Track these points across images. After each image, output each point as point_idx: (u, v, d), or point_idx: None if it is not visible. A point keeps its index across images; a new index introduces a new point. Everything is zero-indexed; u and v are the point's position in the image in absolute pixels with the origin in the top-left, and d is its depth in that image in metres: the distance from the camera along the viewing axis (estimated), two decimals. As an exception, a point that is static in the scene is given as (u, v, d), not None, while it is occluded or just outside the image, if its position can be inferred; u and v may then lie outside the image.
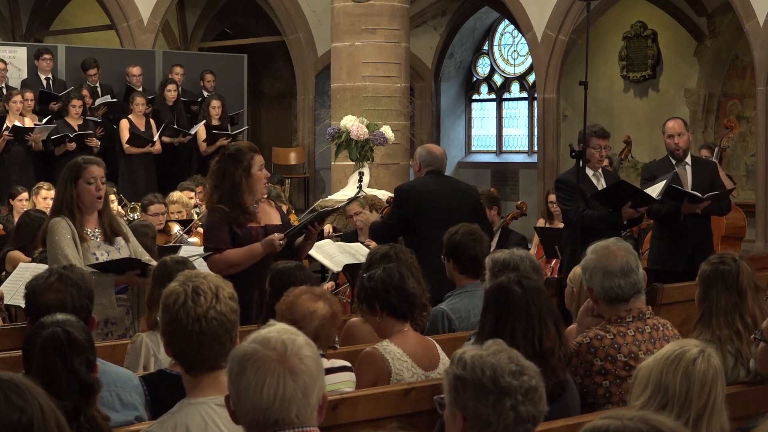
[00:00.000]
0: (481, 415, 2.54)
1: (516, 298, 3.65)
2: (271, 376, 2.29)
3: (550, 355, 3.61)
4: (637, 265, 4.04)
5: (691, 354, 2.96)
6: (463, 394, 2.56)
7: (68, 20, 17.25)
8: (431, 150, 6.89)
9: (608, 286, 3.96)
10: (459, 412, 2.57)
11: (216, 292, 2.99)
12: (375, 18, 12.04)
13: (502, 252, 4.54)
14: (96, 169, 5.30)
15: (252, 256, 5.54)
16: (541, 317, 3.64)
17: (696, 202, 7.11)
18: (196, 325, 2.92)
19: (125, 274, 5.24)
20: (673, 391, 2.91)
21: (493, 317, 3.65)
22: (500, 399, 2.54)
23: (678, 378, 2.93)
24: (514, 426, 2.54)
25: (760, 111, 11.88)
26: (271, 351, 2.32)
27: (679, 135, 7.36)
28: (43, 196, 8.96)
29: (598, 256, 4.01)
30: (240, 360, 2.33)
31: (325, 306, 3.87)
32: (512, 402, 2.54)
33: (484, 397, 2.54)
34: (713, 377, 2.96)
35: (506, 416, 2.53)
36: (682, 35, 14.50)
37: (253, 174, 5.58)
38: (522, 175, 16.06)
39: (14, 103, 11.16)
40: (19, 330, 5.08)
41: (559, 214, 8.54)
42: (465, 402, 2.56)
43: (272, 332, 2.37)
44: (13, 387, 2.05)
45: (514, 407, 2.54)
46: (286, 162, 15.89)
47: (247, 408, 2.30)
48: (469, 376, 2.57)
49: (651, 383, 2.94)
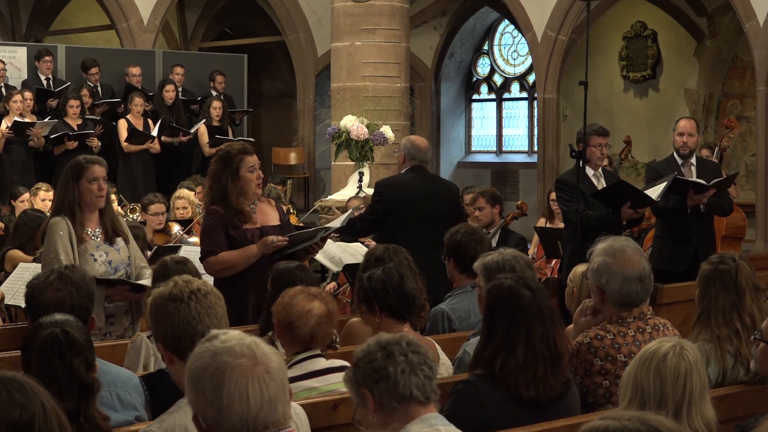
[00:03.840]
0: (379, 372, 2.82)
1: (527, 302, 3.58)
2: (252, 382, 2.26)
3: (563, 357, 3.61)
4: (650, 269, 4.04)
5: (662, 350, 2.99)
6: (359, 371, 2.85)
7: (68, 20, 17.25)
8: (415, 142, 6.89)
9: (626, 292, 3.94)
10: (364, 390, 2.83)
11: (203, 282, 3.22)
12: (375, 18, 12.04)
13: (491, 255, 4.49)
14: (98, 168, 5.30)
15: (247, 257, 5.53)
16: (552, 319, 3.62)
17: (701, 192, 7.13)
18: (193, 296, 3.08)
19: (116, 287, 5.25)
20: (648, 390, 2.95)
21: (504, 321, 3.56)
22: (388, 352, 2.84)
23: (651, 376, 2.96)
24: (412, 370, 2.83)
25: (760, 111, 11.88)
26: (242, 358, 2.28)
27: (689, 135, 7.39)
28: (41, 197, 8.94)
29: (616, 261, 3.95)
30: (212, 376, 2.26)
31: (321, 305, 3.87)
32: (399, 349, 2.85)
33: (375, 357, 2.84)
34: (686, 370, 2.98)
35: (399, 362, 2.83)
36: (682, 35, 14.50)
37: (241, 176, 5.56)
38: (522, 175, 16.06)
39: (14, 103, 11.14)
40: (19, 330, 5.08)
41: (560, 213, 8.54)
42: (363, 374, 2.84)
43: (229, 341, 2.32)
44: (16, 385, 2.07)
45: (403, 353, 2.84)
46: (286, 162, 15.89)
47: (234, 421, 2.25)
48: (358, 356, 2.88)
49: (629, 386, 2.97)
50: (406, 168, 6.81)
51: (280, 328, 3.89)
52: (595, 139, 7.08)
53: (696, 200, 7.17)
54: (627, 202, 6.84)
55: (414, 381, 2.81)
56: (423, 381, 2.83)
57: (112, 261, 5.35)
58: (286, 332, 3.87)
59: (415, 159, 6.76)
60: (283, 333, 3.89)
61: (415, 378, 2.82)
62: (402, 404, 2.81)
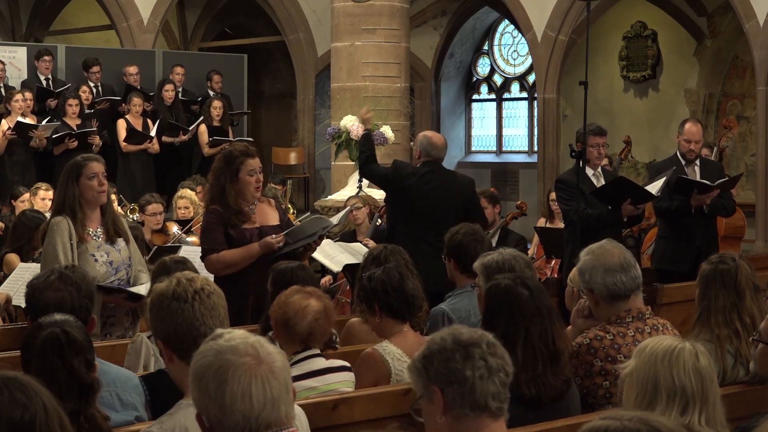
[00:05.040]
0: (455, 374, 2.60)
1: (525, 301, 3.61)
2: (255, 381, 2.27)
3: (562, 355, 3.62)
4: (635, 261, 4.06)
5: (684, 348, 2.95)
6: (432, 367, 2.63)
7: (68, 20, 17.25)
8: (432, 139, 6.90)
9: (610, 282, 3.96)
10: (434, 387, 2.62)
11: (205, 279, 3.13)
12: (375, 18, 12.04)
13: (491, 255, 4.51)
14: (96, 165, 5.32)
15: (249, 256, 5.53)
16: (551, 317, 3.64)
17: (706, 192, 7.12)
18: (197, 297, 3.01)
19: (112, 294, 5.25)
20: (672, 386, 2.89)
21: (503, 321, 3.59)
22: (467, 352, 2.63)
23: (680, 372, 2.89)
24: (489, 376, 2.61)
25: (760, 111, 11.89)
26: (246, 357, 2.29)
27: (696, 143, 7.38)
28: (41, 196, 8.93)
29: (595, 256, 4.01)
30: (216, 374, 2.28)
31: (317, 302, 3.90)
32: (480, 352, 2.63)
33: (452, 356, 2.62)
34: (707, 368, 2.95)
35: (478, 366, 2.61)
36: (682, 35, 14.50)
37: (240, 179, 5.55)
38: (522, 175, 16.06)
39: (16, 102, 11.13)
40: (19, 330, 5.09)
41: (560, 213, 8.55)
42: (436, 371, 2.62)
43: (233, 340, 2.34)
44: (18, 385, 2.07)
45: (483, 357, 2.62)
46: (286, 162, 15.89)
47: (236, 419, 2.26)
48: (432, 349, 2.66)
49: (639, 382, 2.90)
50: (421, 162, 6.84)
51: (277, 326, 3.91)
52: (591, 138, 7.06)
53: (700, 200, 7.17)
54: (627, 199, 6.84)
55: (491, 389, 2.62)
56: (499, 389, 2.64)
57: (113, 261, 5.35)
58: (284, 330, 3.89)
59: (430, 155, 6.79)
60: (281, 331, 3.90)
61: (492, 385, 2.62)
62: (475, 413, 2.61)
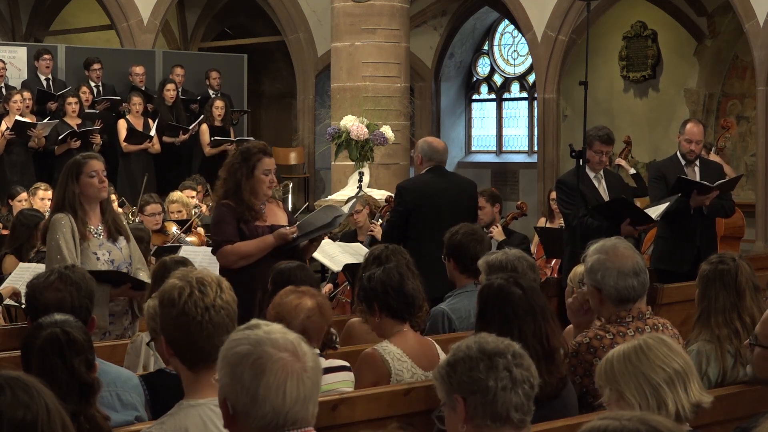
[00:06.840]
0: (478, 383, 2.59)
1: (518, 300, 3.65)
2: (291, 378, 2.28)
3: (557, 353, 3.64)
4: (645, 265, 4.06)
5: (641, 341, 2.98)
6: (456, 375, 2.62)
7: (68, 20, 17.24)
8: (432, 144, 6.91)
9: (622, 286, 3.96)
10: (456, 395, 2.61)
11: (219, 282, 3.02)
12: (375, 18, 12.04)
13: (496, 254, 4.54)
14: (96, 162, 5.34)
15: (264, 247, 5.52)
16: (544, 316, 3.66)
17: (705, 193, 7.11)
18: (206, 315, 2.92)
19: (120, 287, 5.25)
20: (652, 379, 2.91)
21: (497, 320, 3.63)
22: (492, 362, 2.61)
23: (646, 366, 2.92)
24: (513, 387, 2.59)
25: (760, 111, 11.88)
26: (284, 352, 2.31)
27: (697, 143, 7.37)
28: (40, 196, 8.91)
29: (609, 257, 3.99)
30: (253, 364, 2.29)
31: (310, 300, 3.92)
32: (504, 362, 2.61)
33: (476, 366, 2.60)
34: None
35: (502, 377, 2.59)
36: (682, 35, 14.50)
37: (255, 176, 5.56)
38: (522, 175, 16.05)
39: (14, 103, 11.13)
40: (19, 330, 5.09)
41: (560, 213, 8.54)
42: (459, 380, 2.61)
43: (273, 333, 2.35)
44: (20, 385, 2.08)
45: (508, 368, 2.60)
46: (286, 162, 15.88)
47: (265, 411, 2.27)
48: (457, 356, 2.64)
49: (634, 384, 2.92)
50: (424, 169, 6.83)
51: (272, 326, 3.92)
52: (597, 145, 6.98)
53: (699, 201, 7.16)
54: (627, 219, 6.78)
55: (514, 400, 2.59)
56: (522, 401, 2.61)
57: (115, 260, 5.36)
58: (279, 329, 3.89)
59: (432, 160, 6.80)
60: (276, 331, 3.90)
61: (515, 397, 2.59)
62: (496, 424, 2.60)
